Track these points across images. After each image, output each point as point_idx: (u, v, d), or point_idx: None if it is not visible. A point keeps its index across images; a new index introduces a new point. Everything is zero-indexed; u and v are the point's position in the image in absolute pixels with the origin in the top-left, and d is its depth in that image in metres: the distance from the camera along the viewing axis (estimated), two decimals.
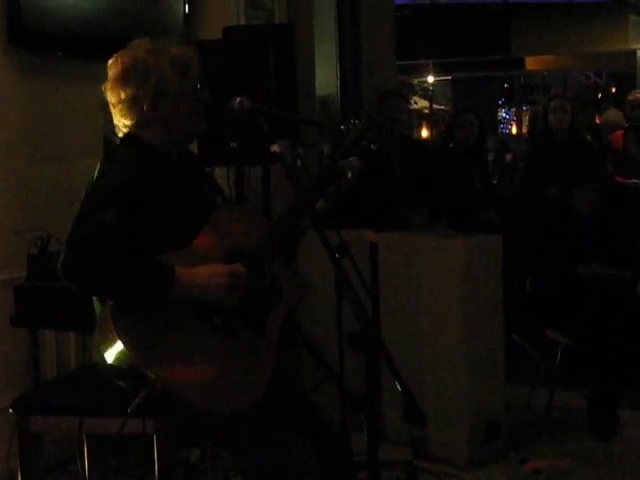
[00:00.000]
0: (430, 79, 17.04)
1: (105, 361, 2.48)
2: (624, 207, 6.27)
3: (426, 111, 18.13)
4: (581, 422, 4.86)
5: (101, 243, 2.42)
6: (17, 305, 4.02)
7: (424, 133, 16.92)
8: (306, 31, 5.87)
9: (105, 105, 2.85)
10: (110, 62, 2.77)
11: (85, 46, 4.51)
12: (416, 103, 18.54)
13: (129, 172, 2.58)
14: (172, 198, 2.64)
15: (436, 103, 18.11)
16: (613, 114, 7.83)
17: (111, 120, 2.82)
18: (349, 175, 2.78)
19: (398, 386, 2.22)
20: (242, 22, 5.55)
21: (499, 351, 4.52)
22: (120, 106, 2.73)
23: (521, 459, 4.42)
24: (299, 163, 2.74)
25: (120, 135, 2.80)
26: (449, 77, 18.05)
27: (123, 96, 2.71)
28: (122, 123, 2.76)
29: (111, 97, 2.75)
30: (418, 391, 2.72)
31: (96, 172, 2.65)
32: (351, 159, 2.81)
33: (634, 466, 4.37)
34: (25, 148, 4.37)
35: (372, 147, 2.88)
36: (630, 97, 7.03)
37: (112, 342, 2.43)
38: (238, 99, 2.70)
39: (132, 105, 2.71)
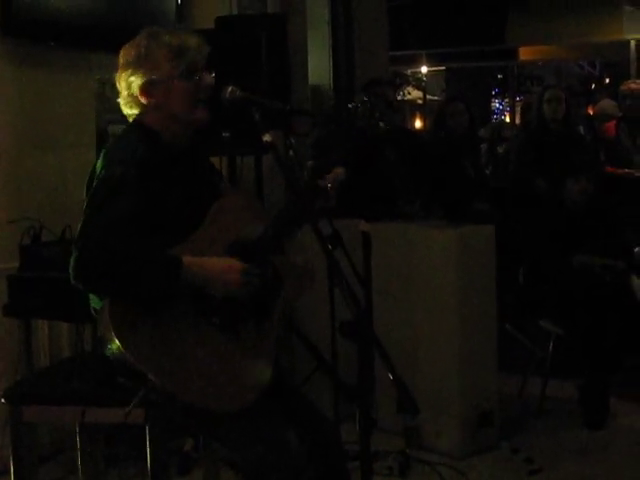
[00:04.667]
0: (423, 69, 16.99)
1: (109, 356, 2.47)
2: (616, 197, 6.27)
3: (419, 101, 18.09)
4: (573, 411, 4.88)
5: (110, 244, 2.41)
6: (10, 295, 4.01)
7: (417, 124, 16.90)
8: (299, 21, 5.86)
9: (98, 95, 2.84)
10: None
11: (78, 36, 4.50)
12: (409, 93, 18.51)
13: (134, 161, 2.57)
14: (176, 187, 2.63)
15: (429, 94, 18.06)
16: (606, 104, 7.82)
17: (105, 110, 2.81)
18: (332, 187, 2.75)
19: (390, 375, 2.22)
20: (235, 12, 5.54)
21: (492, 341, 4.53)
22: (122, 94, 2.74)
23: (513, 448, 4.44)
24: (291, 153, 2.73)
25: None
26: (443, 67, 18.01)
27: (123, 84, 2.71)
28: (126, 112, 2.77)
29: (119, 87, 2.75)
30: (411, 380, 2.73)
31: (100, 160, 2.63)
32: (334, 171, 2.77)
33: (625, 455, 4.39)
34: (17, 138, 4.36)
35: (381, 124, 2.87)
36: (623, 87, 7.03)
37: (112, 341, 2.41)
38: (230, 88, 2.68)
39: (130, 93, 2.71)
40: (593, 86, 16.77)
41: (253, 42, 4.52)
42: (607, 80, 18.19)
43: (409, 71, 17.83)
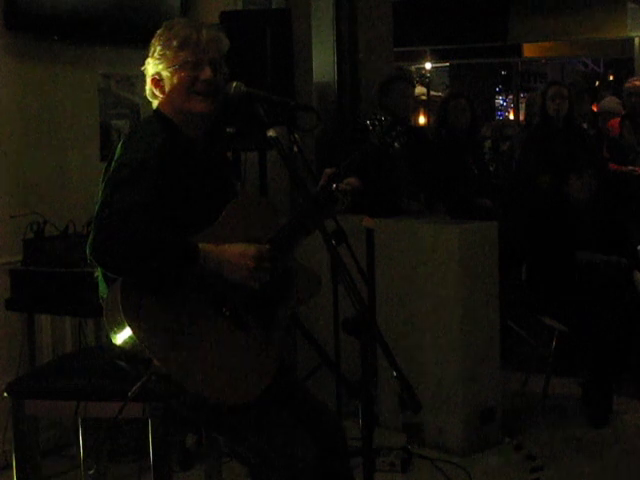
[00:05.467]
0: (427, 66, 16.96)
1: (113, 342, 2.47)
2: (620, 194, 6.26)
3: (423, 98, 18.07)
4: (576, 409, 4.88)
5: (130, 222, 2.40)
6: (13, 289, 4.02)
7: (421, 120, 16.89)
8: (303, 16, 5.85)
9: (101, 90, 2.84)
10: None
11: (81, 30, 4.50)
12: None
13: (152, 150, 2.56)
14: (192, 179, 2.63)
15: (433, 90, 18.04)
16: (610, 101, 7.82)
17: (108, 104, 2.81)
18: (348, 195, 2.76)
19: (393, 372, 2.22)
20: (239, 7, 5.53)
21: (495, 338, 4.53)
22: (147, 81, 2.76)
23: (516, 445, 4.44)
24: (295, 149, 2.73)
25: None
26: (447, 64, 18.01)
27: (145, 72, 2.75)
28: (148, 100, 2.79)
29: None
30: (413, 377, 2.73)
31: (119, 146, 2.63)
32: (349, 180, 2.78)
33: (627, 452, 4.39)
34: (21, 132, 4.36)
35: (396, 145, 2.87)
36: (628, 84, 7.02)
37: (121, 326, 2.41)
38: (234, 84, 2.68)
39: (148, 84, 2.75)
40: (597, 83, 16.75)
41: (257, 37, 4.52)
42: (611, 77, 18.19)
43: (413, 67, 17.81)
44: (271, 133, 2.59)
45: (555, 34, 13.27)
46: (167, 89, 2.69)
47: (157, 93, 2.72)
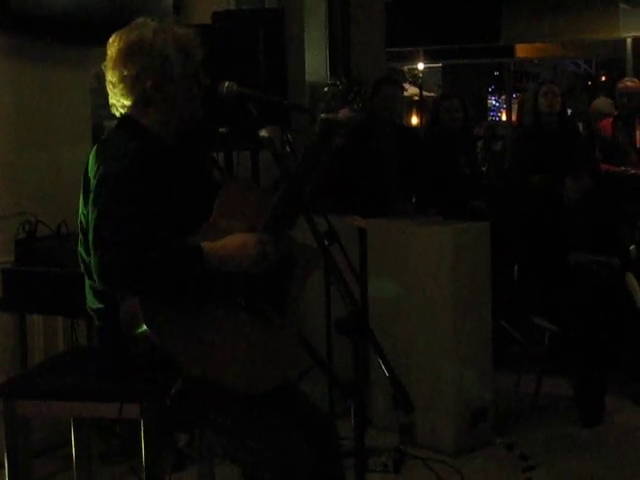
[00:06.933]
0: (420, 66, 16.98)
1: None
2: (612, 195, 6.27)
3: (416, 98, 18.08)
4: (568, 409, 4.89)
5: (132, 239, 2.38)
6: (4, 289, 4.01)
7: (414, 120, 16.90)
8: (296, 16, 5.86)
9: (94, 90, 2.83)
10: (112, 40, 2.69)
11: (74, 31, 4.48)
12: (406, 90, 18.51)
13: (127, 158, 2.54)
14: (174, 180, 2.63)
15: (426, 90, 18.05)
16: (602, 102, 7.82)
17: (101, 105, 2.79)
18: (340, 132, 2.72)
19: (385, 372, 2.22)
20: (232, 7, 5.53)
21: (487, 338, 4.54)
22: (121, 85, 2.67)
23: (508, 445, 4.44)
24: (288, 149, 2.73)
25: (117, 115, 2.76)
26: (439, 64, 18.03)
27: (126, 73, 2.65)
28: (121, 103, 2.71)
29: (112, 76, 2.68)
30: (406, 377, 2.73)
31: (91, 160, 2.61)
32: (341, 111, 2.75)
33: (620, 452, 4.40)
34: (13, 132, 4.35)
35: (356, 106, 2.85)
36: (620, 85, 7.03)
37: (139, 323, 2.42)
38: (227, 83, 2.67)
39: (134, 84, 2.66)
40: (589, 84, 16.78)
41: (250, 37, 4.52)
42: (603, 78, 18.23)
43: (406, 67, 17.83)
44: (263, 133, 2.59)
45: (548, 35, 13.28)
46: (170, 96, 2.67)
47: (152, 96, 2.66)
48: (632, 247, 5.54)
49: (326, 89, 2.79)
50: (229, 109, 2.76)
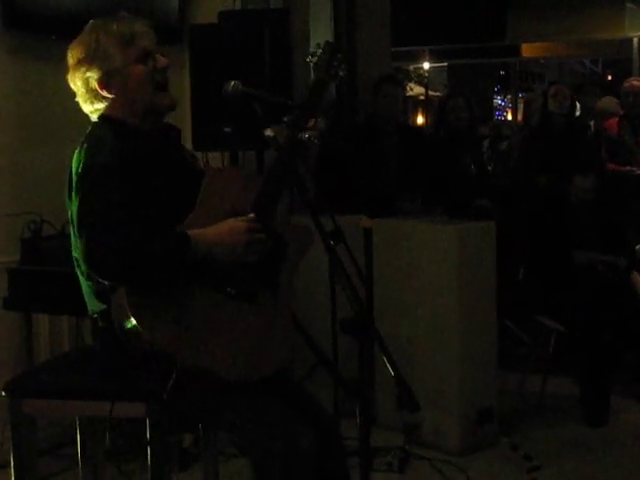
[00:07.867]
0: (426, 65, 16.99)
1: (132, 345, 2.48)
2: (618, 195, 6.26)
3: (422, 98, 18.10)
4: (573, 408, 4.88)
5: (117, 226, 2.40)
6: (10, 288, 4.02)
7: (419, 120, 16.91)
8: (301, 16, 5.85)
9: None
10: (67, 52, 2.75)
11: (79, 30, 4.47)
12: (412, 89, 18.52)
13: (109, 147, 2.57)
14: (156, 172, 2.63)
15: (432, 90, 18.06)
16: (608, 101, 7.80)
17: None
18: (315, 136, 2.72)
19: (391, 371, 2.22)
20: (238, 7, 5.53)
21: (492, 337, 4.53)
22: (80, 92, 2.72)
23: (513, 445, 4.44)
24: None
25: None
26: (445, 64, 18.03)
27: (79, 82, 2.71)
28: (88, 110, 2.76)
29: (73, 86, 2.74)
30: (411, 377, 2.73)
31: (74, 160, 2.62)
32: (312, 123, 2.74)
33: (626, 452, 4.39)
34: (18, 131, 4.36)
35: (340, 73, 2.85)
36: (626, 85, 7.02)
37: (129, 317, 2.42)
38: (232, 83, 2.68)
39: (87, 89, 2.70)
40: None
41: (256, 37, 4.51)
42: (609, 77, 18.21)
43: (411, 67, 17.83)
44: (268, 132, 2.59)
45: (553, 34, 13.27)
46: (120, 88, 2.67)
47: (105, 94, 2.68)
48: (638, 247, 5.53)
49: (308, 59, 2.79)
50: (234, 108, 2.75)
